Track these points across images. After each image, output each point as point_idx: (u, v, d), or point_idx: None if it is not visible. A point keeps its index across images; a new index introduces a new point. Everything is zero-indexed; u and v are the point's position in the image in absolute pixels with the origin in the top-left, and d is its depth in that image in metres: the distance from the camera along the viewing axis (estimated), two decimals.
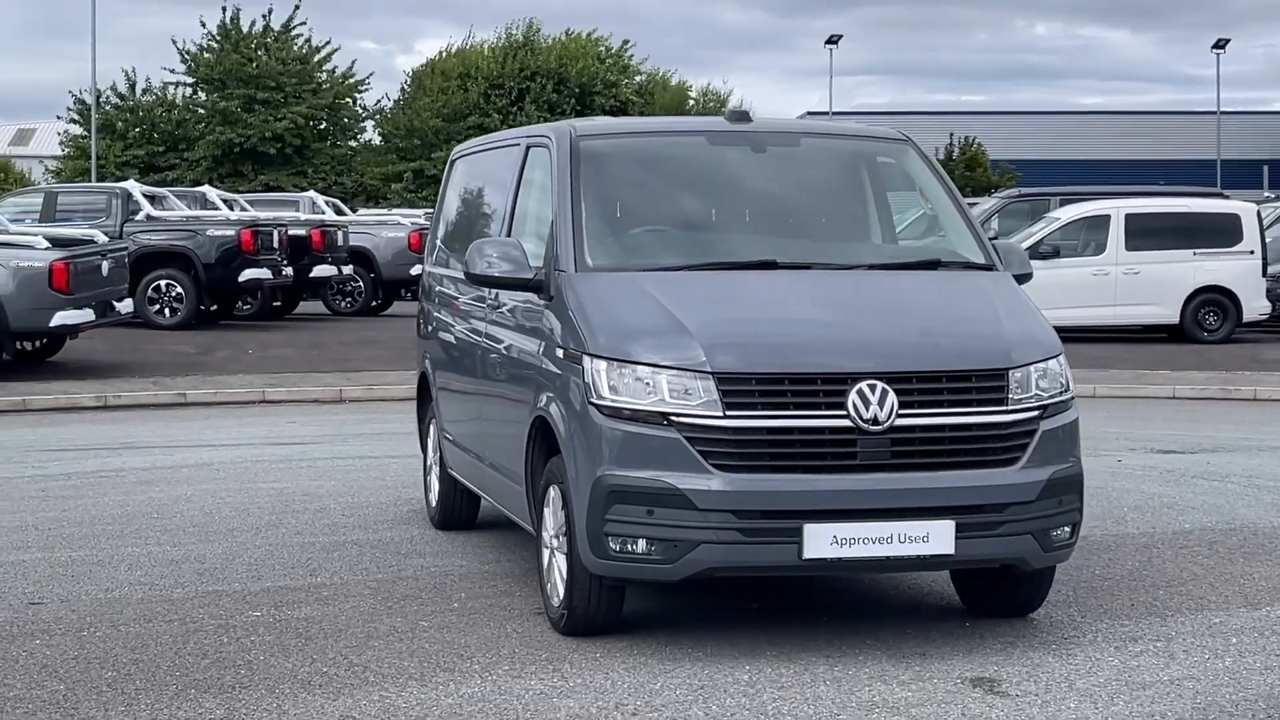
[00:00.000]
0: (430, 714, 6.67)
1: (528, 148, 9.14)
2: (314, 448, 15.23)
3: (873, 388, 7.33)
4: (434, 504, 10.73)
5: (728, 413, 7.28)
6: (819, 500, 7.27)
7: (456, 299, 10.01)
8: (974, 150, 78.41)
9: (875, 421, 7.31)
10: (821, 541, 7.26)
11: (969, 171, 73.87)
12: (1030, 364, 7.69)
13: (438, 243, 10.94)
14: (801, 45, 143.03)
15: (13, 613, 8.45)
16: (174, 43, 63.94)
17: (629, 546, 7.35)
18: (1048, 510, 7.60)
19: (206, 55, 63.45)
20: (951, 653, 7.61)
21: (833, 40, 66.48)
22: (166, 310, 26.65)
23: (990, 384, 7.55)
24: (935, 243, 8.87)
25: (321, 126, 65.03)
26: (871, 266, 8.41)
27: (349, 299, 32.05)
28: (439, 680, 7.14)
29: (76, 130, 64.58)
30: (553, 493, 7.89)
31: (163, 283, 26.60)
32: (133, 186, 28.06)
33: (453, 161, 11.04)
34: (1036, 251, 26.27)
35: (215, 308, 28.01)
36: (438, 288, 10.64)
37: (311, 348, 25.47)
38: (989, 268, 8.48)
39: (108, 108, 63.92)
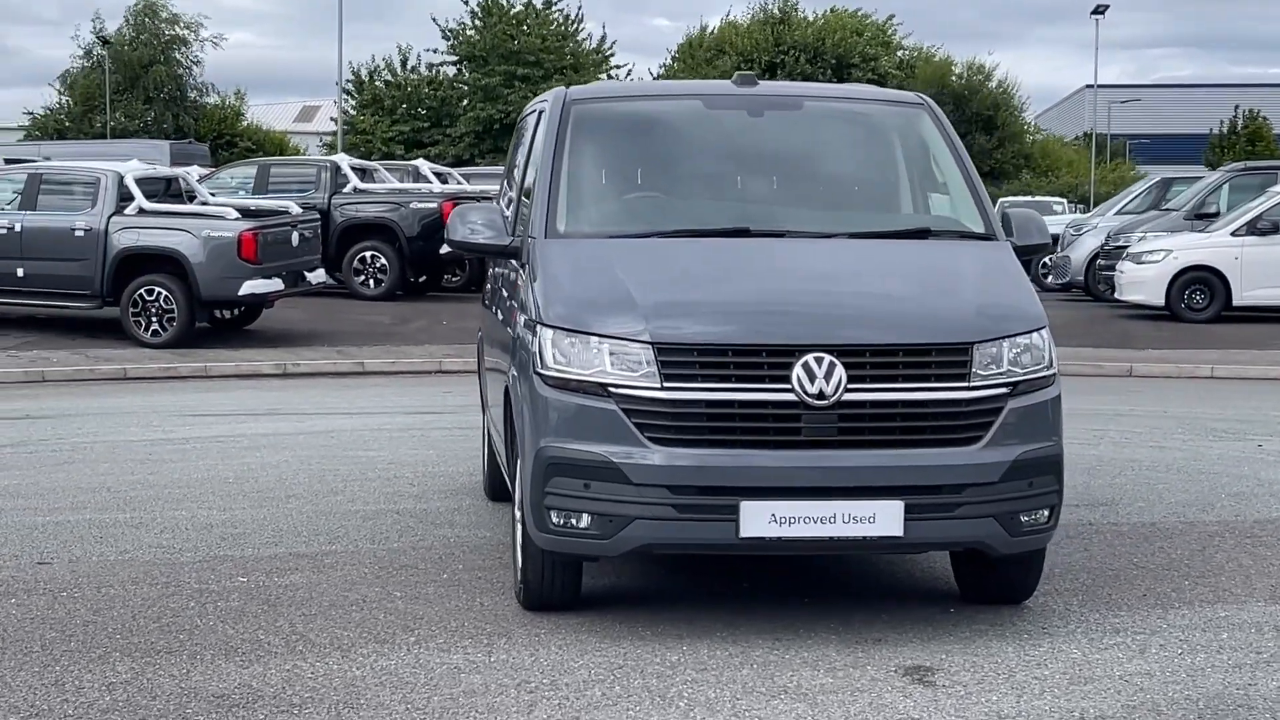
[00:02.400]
0: (331, 685, 6.60)
1: (539, 113, 9.00)
2: (444, 417, 15.29)
3: (819, 361, 7.01)
4: (484, 475, 10.68)
5: (666, 384, 7.05)
6: (756, 476, 7.00)
7: (493, 269, 9.92)
8: (1258, 124, 75.88)
9: (821, 396, 7.00)
10: (759, 520, 6.99)
11: (1251, 146, 71.50)
12: (1002, 338, 7.29)
13: None
14: (1103, 18, 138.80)
15: (14, 571, 8.63)
16: (435, 21, 65.02)
17: (570, 520, 7.18)
18: (1014, 493, 7.21)
19: (471, 33, 64.39)
20: (909, 640, 7.29)
21: (1099, 10, 64.71)
22: (371, 281, 27.08)
23: (951, 359, 7.17)
24: (928, 210, 8.48)
25: None
26: (853, 235, 8.05)
27: None
28: (364, 652, 7.07)
29: (349, 107, 66.13)
30: (518, 464, 7.76)
31: (368, 254, 27.02)
32: (342, 159, 28.55)
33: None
34: (1255, 227, 25.26)
35: (423, 279, 28.35)
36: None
37: None
38: (989, 237, 8.08)
39: (378, 84, 65.40)
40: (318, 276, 23.05)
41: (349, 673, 6.76)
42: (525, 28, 63.94)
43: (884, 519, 7.03)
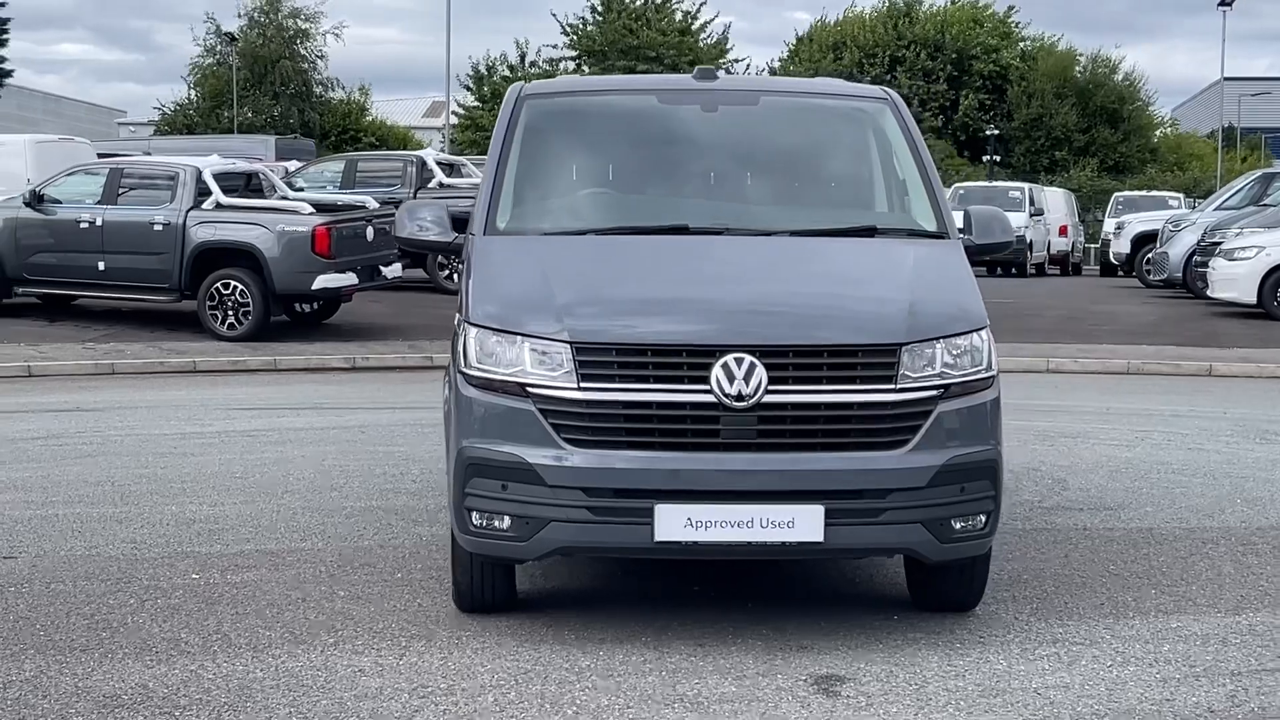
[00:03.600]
0: (226, 686, 6.56)
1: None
2: None
3: (739, 361, 6.85)
4: None
5: (583, 385, 6.92)
6: (671, 479, 6.85)
7: None
8: None
9: (740, 398, 6.84)
10: (674, 523, 6.84)
11: None
12: (935, 339, 7.08)
13: None
14: (1254, 8, 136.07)
15: None
16: (554, 16, 65.30)
17: (491, 522, 7.08)
18: (944, 498, 7.00)
19: (590, 28, 64.55)
20: (836, 648, 7.13)
21: (1225, 2, 63.44)
22: (455, 275, 27.15)
23: (878, 360, 6.97)
24: (879, 209, 8.28)
25: None
26: (795, 233, 7.87)
27: None
28: (276, 653, 7.02)
29: (470, 101, 66.54)
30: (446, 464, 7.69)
31: None
32: (428, 154, 28.68)
33: None
34: None
35: None
36: None
37: None
38: (941, 235, 7.87)
39: (496, 79, 65.78)
40: (394, 271, 23.10)
41: (251, 674, 6.71)
42: (645, 22, 63.94)
43: (803, 524, 6.85)
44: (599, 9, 64.54)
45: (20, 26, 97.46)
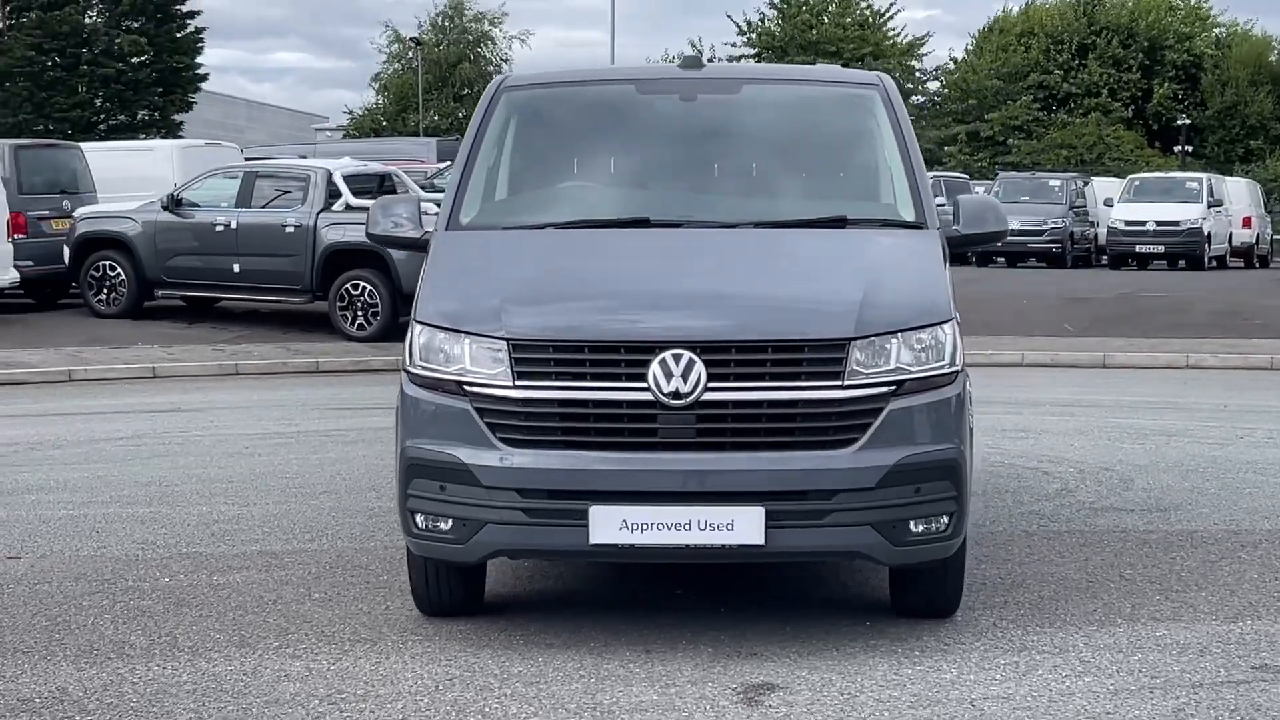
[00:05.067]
0: (144, 690, 6.44)
1: None
2: None
3: (678, 358, 6.60)
4: None
5: (518, 383, 6.73)
6: (605, 480, 6.62)
7: None
8: None
9: (677, 395, 6.59)
10: (609, 526, 6.62)
11: None
12: (890, 333, 6.75)
13: None
14: None
15: None
16: (729, 17, 65.08)
17: (434, 523, 6.92)
18: (896, 499, 6.67)
19: (769, 25, 64.17)
20: (784, 655, 6.85)
21: None
22: None
23: (825, 355, 6.67)
24: (856, 199, 7.94)
25: None
26: (759, 224, 7.58)
27: None
28: (214, 656, 6.93)
29: None
30: None
31: None
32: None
33: None
34: None
35: None
36: None
37: None
38: (919, 226, 7.54)
39: None
40: None
41: (177, 678, 6.61)
42: (825, 18, 63.40)
43: (743, 526, 6.59)
44: (778, 4, 64.11)
45: (237, 35, 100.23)
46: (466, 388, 6.82)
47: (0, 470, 11.88)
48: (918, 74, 66.12)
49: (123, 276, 23.27)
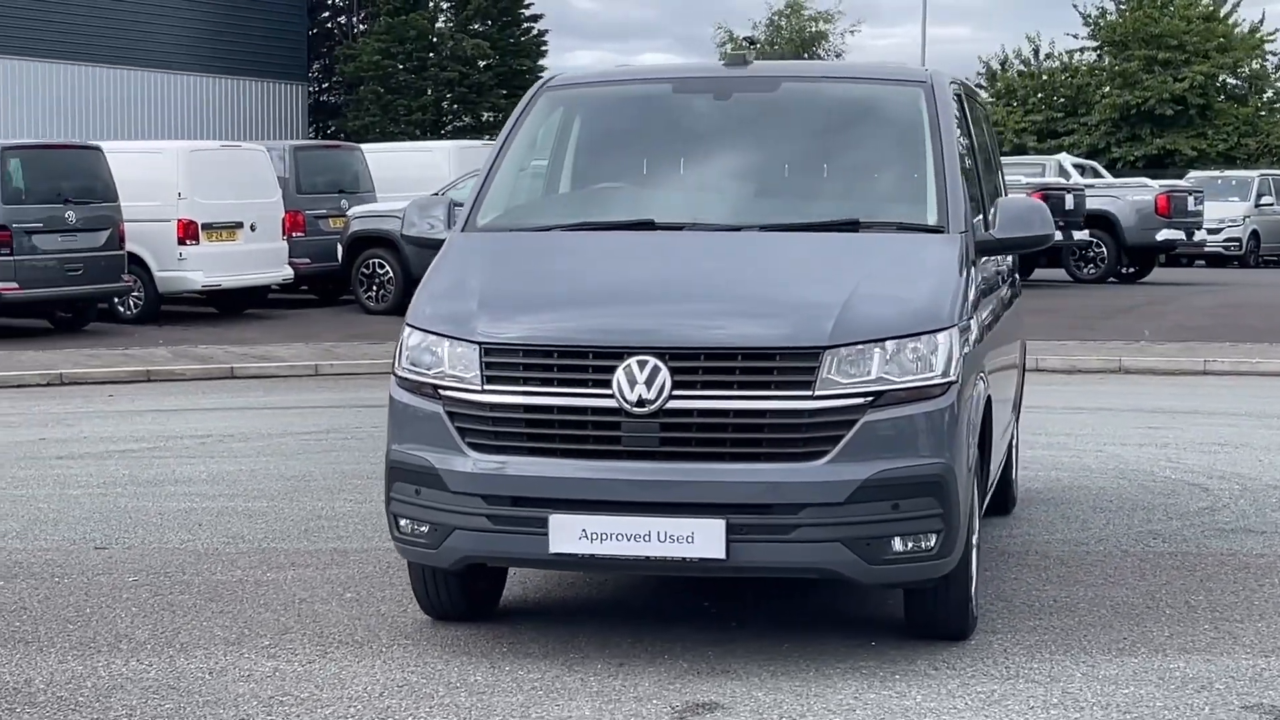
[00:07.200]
0: (91, 685, 6.48)
1: None
2: None
3: (643, 364, 6.41)
4: None
5: (486, 387, 6.63)
6: (565, 488, 6.49)
7: None
8: None
9: (641, 403, 6.40)
10: (569, 535, 6.47)
11: None
12: (870, 342, 6.44)
13: None
14: None
15: (65, 554, 8.98)
16: (1075, 8, 63.38)
17: (415, 527, 6.87)
18: (870, 515, 6.36)
19: (1111, 18, 62.33)
20: (749, 674, 6.57)
21: None
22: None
23: (796, 364, 6.40)
24: (878, 201, 7.56)
25: (1229, 84, 62.17)
26: (765, 227, 7.29)
27: (1091, 265, 30.64)
28: (195, 652, 6.97)
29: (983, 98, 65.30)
30: None
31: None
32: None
33: None
34: None
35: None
36: None
37: None
38: (938, 230, 7.17)
39: (1011, 74, 64.35)
40: None
41: (141, 673, 6.66)
42: (1169, 10, 61.23)
43: (703, 539, 6.37)
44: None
45: (606, 37, 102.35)
46: (441, 391, 6.74)
47: (154, 461, 12.24)
48: (1268, 67, 63.14)
49: (390, 274, 23.86)
